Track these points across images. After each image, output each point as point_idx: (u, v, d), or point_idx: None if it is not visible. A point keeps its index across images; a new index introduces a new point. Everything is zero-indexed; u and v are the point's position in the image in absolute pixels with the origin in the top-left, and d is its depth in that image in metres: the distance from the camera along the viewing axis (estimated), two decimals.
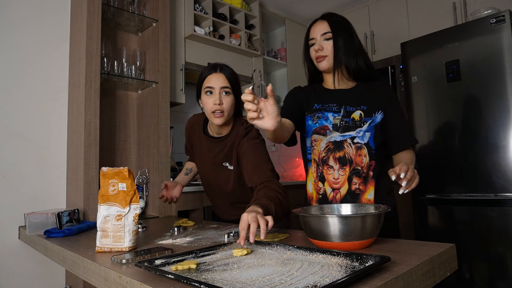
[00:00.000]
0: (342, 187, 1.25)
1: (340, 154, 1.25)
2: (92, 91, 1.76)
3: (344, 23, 1.32)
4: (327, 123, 1.29)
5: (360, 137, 1.24)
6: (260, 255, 0.85)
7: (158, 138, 2.04)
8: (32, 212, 1.53)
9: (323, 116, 1.31)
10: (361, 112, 1.27)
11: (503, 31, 2.18)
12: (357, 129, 1.25)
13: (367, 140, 1.24)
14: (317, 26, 1.32)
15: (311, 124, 1.32)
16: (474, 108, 2.27)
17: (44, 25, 1.96)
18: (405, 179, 1.00)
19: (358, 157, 1.23)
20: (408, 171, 1.01)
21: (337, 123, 1.28)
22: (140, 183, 2.05)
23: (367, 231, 0.85)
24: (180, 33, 2.61)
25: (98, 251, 1.01)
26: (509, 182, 2.11)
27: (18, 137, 1.83)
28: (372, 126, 1.25)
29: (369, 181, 1.23)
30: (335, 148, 1.26)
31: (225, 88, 1.41)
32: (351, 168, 1.24)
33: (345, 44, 1.27)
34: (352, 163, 1.24)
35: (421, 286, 0.73)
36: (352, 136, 1.25)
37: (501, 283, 2.11)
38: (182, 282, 0.65)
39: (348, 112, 1.28)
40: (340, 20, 1.32)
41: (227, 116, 1.42)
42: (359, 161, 1.23)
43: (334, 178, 1.26)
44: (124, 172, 1.04)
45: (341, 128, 1.27)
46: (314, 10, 3.62)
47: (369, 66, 1.33)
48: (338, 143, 1.26)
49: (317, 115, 1.32)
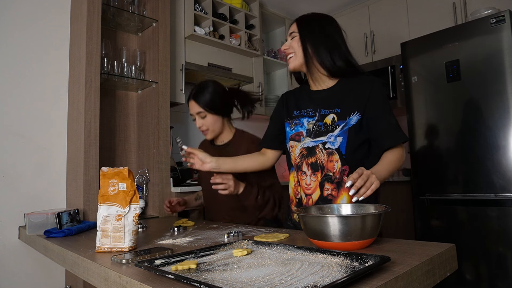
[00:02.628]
0: (314, 193, 1.24)
1: (312, 160, 1.24)
2: (92, 91, 1.76)
3: (315, 21, 1.28)
4: (302, 129, 1.29)
5: (331, 143, 1.21)
6: (260, 255, 0.85)
7: (158, 138, 2.04)
8: (32, 212, 1.53)
9: (299, 123, 1.31)
10: (334, 115, 1.23)
11: (503, 31, 2.18)
12: (328, 134, 1.22)
13: (338, 145, 1.20)
14: (289, 30, 1.33)
15: (289, 131, 1.34)
16: (474, 108, 2.27)
17: (44, 25, 1.96)
18: (354, 187, 0.99)
19: (330, 162, 1.21)
20: (358, 179, 0.99)
21: (310, 128, 1.27)
22: (140, 183, 2.06)
23: (367, 231, 0.85)
24: (180, 33, 2.61)
25: (98, 251, 1.01)
26: (509, 182, 2.11)
27: (18, 137, 1.83)
28: (345, 130, 1.20)
29: (342, 187, 1.20)
30: (308, 154, 1.25)
31: (200, 114, 1.60)
32: (323, 174, 1.22)
33: (314, 41, 1.24)
34: (323, 169, 1.22)
35: (421, 286, 0.73)
36: (324, 141, 1.22)
37: (501, 283, 2.11)
38: (182, 282, 0.65)
39: (322, 116, 1.26)
40: (310, 19, 1.30)
41: (212, 131, 1.63)
42: (330, 166, 1.21)
43: (306, 184, 1.26)
44: (124, 172, 1.04)
45: (313, 133, 1.25)
46: (314, 10, 3.59)
47: (350, 62, 1.26)
48: (310, 149, 1.25)
49: (295, 121, 1.32)
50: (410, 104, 2.58)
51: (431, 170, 2.43)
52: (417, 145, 2.52)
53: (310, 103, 1.31)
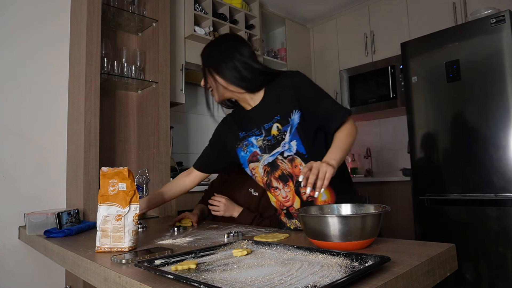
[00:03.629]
0: (294, 202, 1.24)
1: (278, 173, 1.23)
2: (92, 91, 1.76)
3: (211, 48, 1.27)
4: (254, 148, 1.28)
5: (288, 150, 1.20)
6: (260, 255, 0.85)
7: (158, 138, 2.04)
8: (32, 212, 1.53)
9: (249, 143, 1.29)
10: (277, 124, 1.22)
11: (503, 31, 2.18)
12: (281, 143, 1.21)
13: (295, 149, 1.19)
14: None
15: (244, 155, 1.31)
16: (474, 108, 2.27)
17: (44, 25, 1.96)
18: (308, 184, 0.96)
19: (295, 168, 1.20)
20: (310, 175, 0.96)
21: (261, 145, 1.26)
22: (140, 183, 2.06)
23: (367, 231, 0.85)
24: (180, 33, 2.61)
25: (98, 251, 1.01)
26: (509, 182, 2.11)
27: (18, 137, 1.83)
28: (294, 132, 1.19)
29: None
30: (272, 169, 1.24)
31: None
32: (294, 181, 1.21)
33: (217, 69, 1.22)
34: (292, 177, 1.21)
35: (421, 286, 0.73)
36: (281, 151, 1.21)
37: (501, 283, 2.11)
38: (181, 282, 0.65)
39: (267, 130, 1.24)
40: (207, 51, 1.28)
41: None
42: (297, 172, 1.20)
43: (283, 197, 1.25)
44: (124, 172, 1.04)
45: (266, 148, 1.24)
46: (314, 10, 3.62)
47: (260, 71, 1.24)
48: (271, 164, 1.23)
49: (244, 143, 1.30)
50: (410, 104, 2.58)
51: (431, 170, 2.43)
52: (417, 145, 2.52)
53: (250, 123, 1.29)
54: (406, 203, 2.77)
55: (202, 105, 3.18)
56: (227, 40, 1.29)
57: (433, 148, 2.45)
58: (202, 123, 3.15)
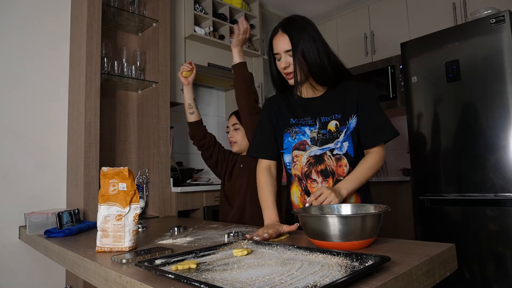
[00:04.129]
0: None
1: (321, 167, 1.25)
2: (92, 91, 1.77)
3: (306, 31, 1.24)
4: (305, 138, 1.28)
5: (339, 148, 1.24)
6: (260, 255, 0.85)
7: (158, 138, 2.05)
8: (32, 212, 1.53)
9: (300, 131, 1.29)
10: (336, 122, 1.25)
11: (503, 31, 2.18)
12: (335, 140, 1.24)
13: (346, 150, 1.24)
14: (279, 40, 1.25)
15: (291, 141, 1.31)
16: (474, 108, 2.27)
17: (44, 25, 1.96)
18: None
19: (339, 168, 1.24)
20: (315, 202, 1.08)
21: (314, 137, 1.27)
22: (140, 183, 2.06)
23: (367, 231, 0.86)
24: (180, 33, 2.61)
25: (98, 251, 1.01)
26: (509, 182, 2.11)
27: (18, 137, 1.83)
28: (349, 134, 1.24)
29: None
30: (316, 162, 1.26)
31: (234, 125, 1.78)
32: (334, 179, 1.24)
33: (308, 57, 1.22)
34: (334, 175, 1.24)
35: (421, 286, 0.73)
36: (331, 148, 1.24)
37: (501, 283, 2.11)
38: (182, 282, 0.65)
39: (323, 123, 1.27)
40: (300, 30, 1.24)
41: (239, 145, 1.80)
42: (340, 171, 1.24)
43: None
44: (124, 172, 1.04)
45: (319, 141, 1.26)
46: (314, 10, 3.63)
47: (338, 68, 1.27)
48: (318, 157, 1.26)
49: (295, 130, 1.30)
50: (410, 104, 2.58)
51: (431, 170, 2.43)
52: (417, 145, 2.52)
53: (305, 111, 1.30)
54: (406, 203, 2.77)
55: (202, 105, 3.18)
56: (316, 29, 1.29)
57: (433, 148, 2.45)
58: None
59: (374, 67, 3.26)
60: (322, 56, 1.23)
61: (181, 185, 2.27)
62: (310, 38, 1.23)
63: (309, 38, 1.23)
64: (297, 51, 1.22)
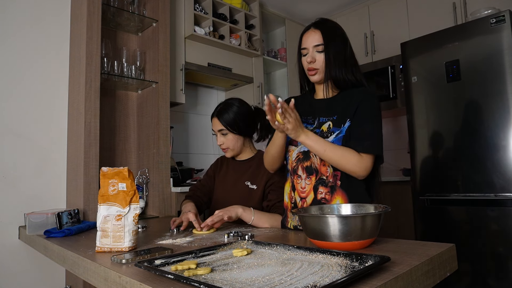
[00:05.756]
0: (308, 196, 1.25)
1: (307, 163, 1.26)
2: (92, 91, 1.77)
3: (338, 33, 1.28)
4: None
5: None
6: (260, 255, 0.85)
7: (158, 138, 2.05)
8: (32, 212, 1.53)
9: None
10: (330, 122, 1.26)
11: (503, 31, 2.18)
12: None
13: None
14: (309, 35, 1.28)
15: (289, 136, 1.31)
16: (474, 108, 2.27)
17: (44, 25, 1.96)
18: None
19: (323, 166, 1.23)
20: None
21: None
22: (140, 183, 2.06)
23: (367, 231, 0.85)
24: (180, 33, 2.61)
25: (98, 251, 1.01)
26: (509, 182, 2.11)
27: (18, 137, 1.83)
28: (340, 137, 1.22)
29: (336, 191, 1.21)
30: (303, 158, 1.27)
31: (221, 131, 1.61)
32: (317, 177, 1.23)
33: (336, 57, 1.24)
34: (318, 173, 1.24)
35: (421, 286, 0.73)
36: None
37: (501, 283, 2.10)
38: (182, 282, 0.65)
39: (320, 123, 1.28)
40: (333, 30, 1.27)
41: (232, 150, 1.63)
42: (323, 170, 1.23)
43: (301, 187, 1.27)
44: (124, 172, 1.04)
45: None
46: (314, 10, 3.62)
47: (357, 78, 1.28)
48: (305, 153, 1.26)
49: None
50: (410, 104, 2.58)
51: (431, 170, 2.43)
52: (417, 145, 2.52)
53: (310, 111, 1.33)
54: (406, 203, 2.77)
55: (202, 105, 3.18)
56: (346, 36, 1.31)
57: (433, 148, 2.45)
58: (202, 123, 3.15)
59: (374, 67, 3.26)
60: (348, 60, 1.26)
61: (181, 185, 2.27)
62: (342, 41, 1.27)
63: (341, 40, 1.26)
64: (329, 49, 1.24)
